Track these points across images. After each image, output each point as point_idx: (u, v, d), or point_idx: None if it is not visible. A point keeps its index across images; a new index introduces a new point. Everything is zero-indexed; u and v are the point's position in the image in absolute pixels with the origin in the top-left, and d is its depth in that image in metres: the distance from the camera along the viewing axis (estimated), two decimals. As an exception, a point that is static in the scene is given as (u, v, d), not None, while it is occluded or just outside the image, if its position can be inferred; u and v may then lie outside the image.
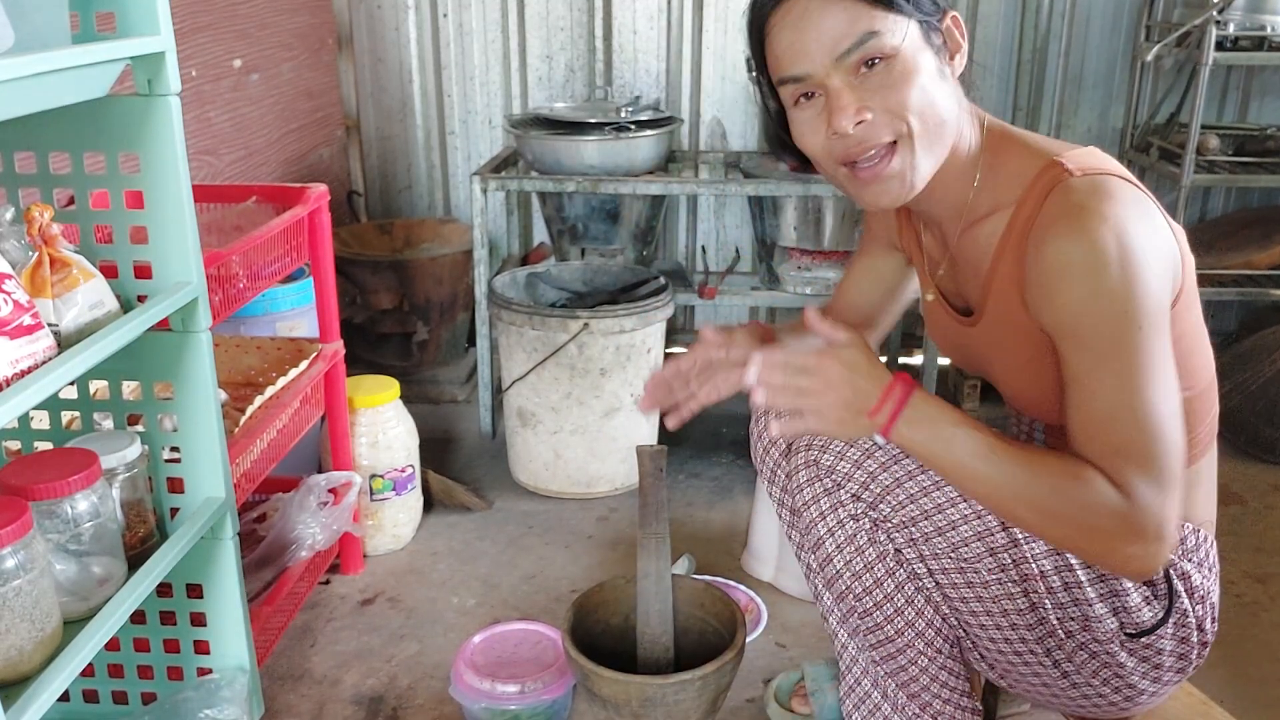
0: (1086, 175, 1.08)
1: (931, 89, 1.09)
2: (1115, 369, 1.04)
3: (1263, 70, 3.01)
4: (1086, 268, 1.03)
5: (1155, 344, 1.04)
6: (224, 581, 1.49)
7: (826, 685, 1.60)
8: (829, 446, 1.20)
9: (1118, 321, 1.03)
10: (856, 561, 1.21)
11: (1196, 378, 1.17)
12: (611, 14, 3.07)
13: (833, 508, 1.21)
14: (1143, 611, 1.18)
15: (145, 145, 1.30)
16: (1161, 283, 1.05)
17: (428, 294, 2.85)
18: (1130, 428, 1.04)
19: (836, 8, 1.06)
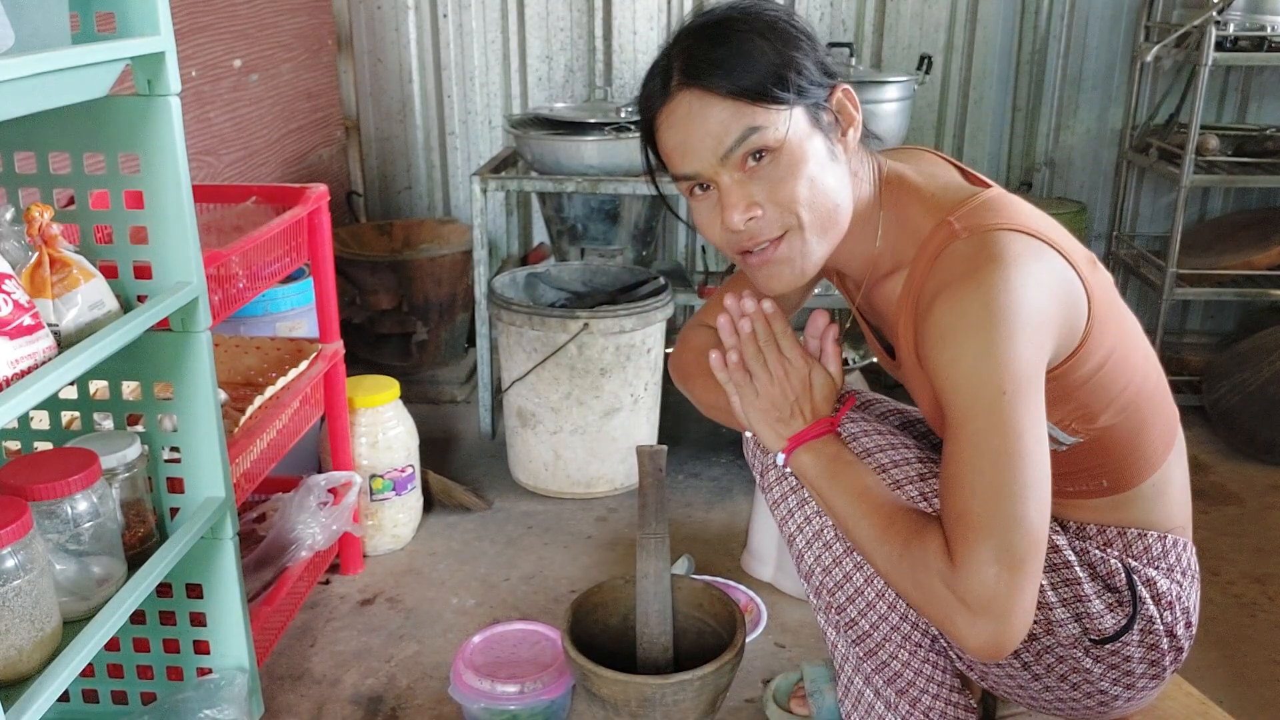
0: (973, 235, 1.06)
1: (820, 176, 1.09)
2: (973, 433, 1.01)
3: (1262, 70, 3.02)
4: (959, 334, 1.02)
5: (1020, 410, 1.00)
6: (224, 581, 1.49)
7: (825, 686, 1.60)
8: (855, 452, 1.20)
9: (982, 386, 1.00)
10: (825, 556, 1.22)
11: (1125, 400, 1.14)
12: (611, 14, 3.07)
13: (800, 504, 1.23)
14: (1104, 618, 1.18)
15: (145, 145, 1.30)
16: (1038, 346, 1.03)
17: (427, 294, 2.85)
18: (977, 497, 0.99)
19: (717, 107, 1.07)
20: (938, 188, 1.15)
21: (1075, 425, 1.14)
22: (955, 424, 1.03)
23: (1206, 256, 2.83)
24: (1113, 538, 1.22)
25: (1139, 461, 1.18)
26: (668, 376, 2.49)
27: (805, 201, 1.09)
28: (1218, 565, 2.08)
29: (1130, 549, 1.22)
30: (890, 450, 1.22)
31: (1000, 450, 0.99)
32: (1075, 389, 1.11)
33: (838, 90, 1.11)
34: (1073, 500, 1.23)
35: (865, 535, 1.09)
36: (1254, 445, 2.52)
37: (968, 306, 1.02)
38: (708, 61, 1.08)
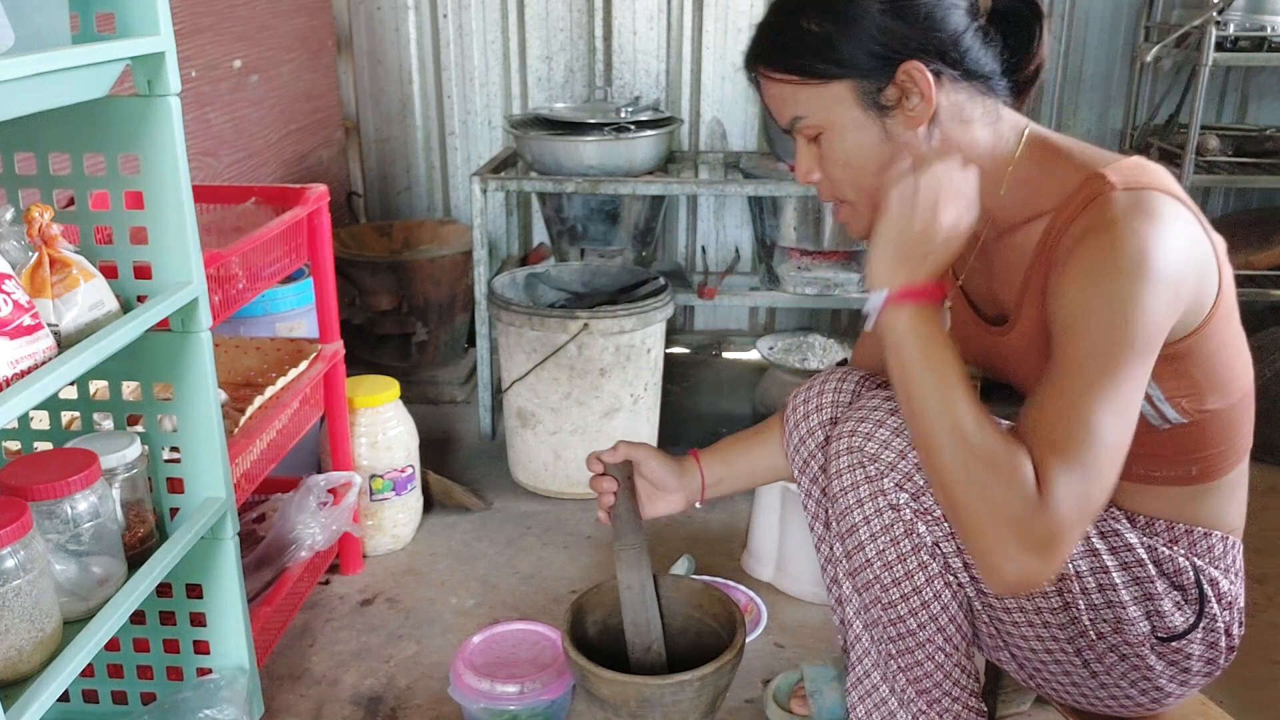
0: (1129, 190, 1.07)
1: (866, 156, 1.13)
2: (1089, 375, 1.02)
3: (1262, 71, 3.02)
4: (1103, 274, 1.03)
5: (1136, 367, 1.02)
6: (224, 581, 1.49)
7: (825, 686, 1.60)
8: (873, 435, 1.19)
9: (1111, 333, 1.02)
10: (890, 552, 1.20)
11: (1233, 388, 1.16)
12: (611, 14, 3.07)
13: (872, 495, 1.19)
14: (1174, 616, 1.19)
15: (145, 146, 1.30)
16: (1170, 312, 1.04)
17: (427, 295, 2.86)
18: (1075, 432, 1.00)
19: (773, 88, 1.16)
20: (1085, 148, 1.17)
21: (1185, 403, 1.14)
22: (1072, 361, 1.03)
23: (1206, 257, 2.83)
24: (1179, 534, 1.22)
25: (1230, 452, 1.19)
26: (667, 376, 2.50)
27: (848, 181, 1.16)
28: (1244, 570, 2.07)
29: (1195, 547, 1.22)
30: None
31: (1110, 401, 1.01)
32: (1192, 366, 1.12)
33: (902, 67, 1.09)
34: (1157, 488, 1.21)
35: (947, 424, 1.04)
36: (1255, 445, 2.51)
37: (1119, 250, 1.02)
38: (759, 42, 1.16)
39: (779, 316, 3.32)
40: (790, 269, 2.68)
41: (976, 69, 1.13)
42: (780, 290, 2.71)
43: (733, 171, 2.80)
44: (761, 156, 2.89)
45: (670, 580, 1.65)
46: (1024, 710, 1.64)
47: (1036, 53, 1.17)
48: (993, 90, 1.15)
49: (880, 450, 1.19)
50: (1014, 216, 1.18)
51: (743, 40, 3.03)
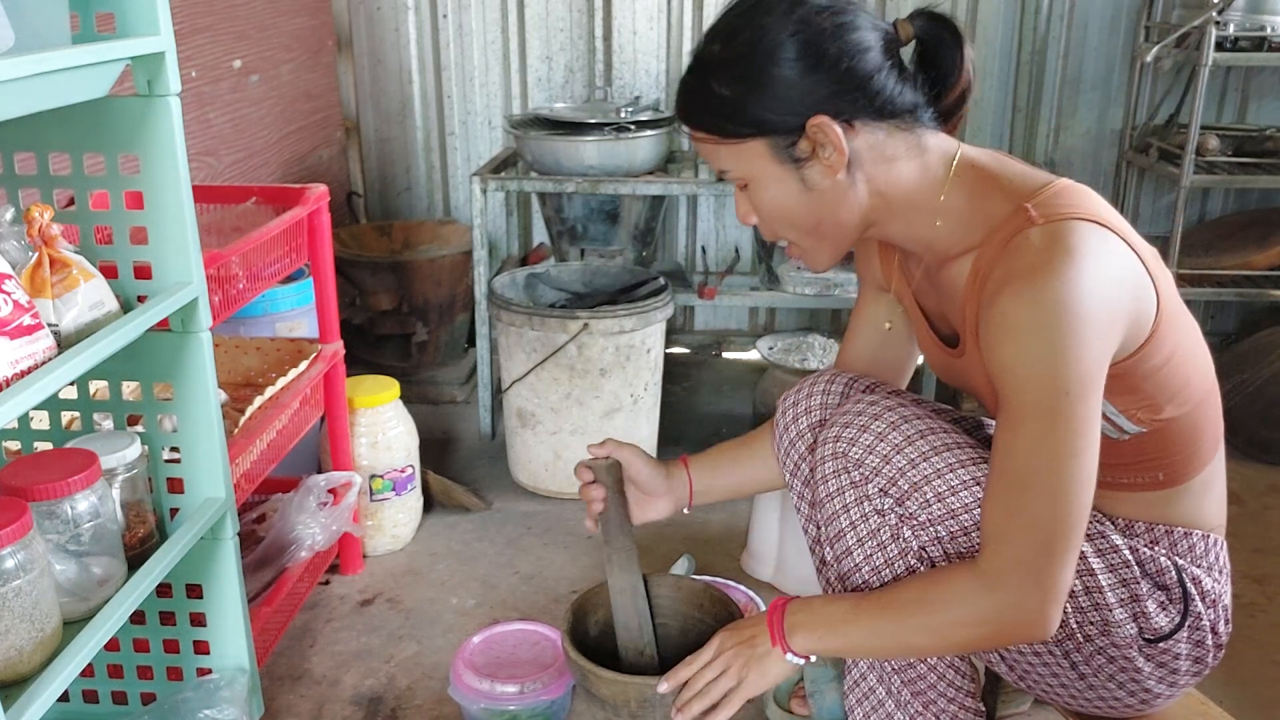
0: (1049, 223, 1.07)
1: (788, 204, 1.16)
2: (1035, 430, 1.04)
3: (1262, 71, 3.02)
4: (1025, 330, 1.04)
5: (1078, 409, 1.04)
6: (224, 582, 1.49)
7: (825, 686, 1.60)
8: (857, 440, 1.20)
9: (1046, 385, 1.03)
10: (877, 556, 1.21)
11: (1189, 393, 1.16)
12: (611, 14, 3.07)
13: (858, 501, 1.21)
14: (1159, 618, 1.19)
15: (145, 146, 1.30)
16: (1103, 344, 1.05)
17: (427, 295, 2.86)
18: (1035, 493, 1.05)
19: (698, 144, 1.19)
20: (1014, 174, 1.16)
21: (1140, 415, 1.15)
22: (1013, 419, 1.06)
23: (1206, 257, 2.83)
24: (1159, 535, 1.23)
25: (1195, 454, 1.19)
26: (667, 376, 2.50)
27: (781, 224, 1.20)
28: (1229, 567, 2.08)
29: (1176, 547, 1.22)
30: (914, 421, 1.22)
31: (1057, 450, 1.04)
32: (1142, 380, 1.12)
33: (811, 123, 1.11)
34: (1126, 493, 1.22)
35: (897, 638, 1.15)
36: (1254, 445, 2.52)
37: (1038, 300, 1.03)
38: (679, 101, 1.19)
39: (779, 316, 3.32)
40: (790, 269, 2.68)
41: (893, 108, 1.13)
42: (780, 290, 2.71)
43: (733, 171, 2.80)
44: (761, 156, 2.89)
45: (670, 580, 1.64)
46: (1023, 711, 1.64)
47: (960, 78, 1.16)
48: (916, 122, 1.15)
49: (865, 455, 1.20)
50: (950, 248, 1.19)
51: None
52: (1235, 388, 2.54)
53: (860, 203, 1.16)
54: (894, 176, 1.16)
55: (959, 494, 1.17)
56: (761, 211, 1.19)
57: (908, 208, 1.17)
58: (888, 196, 1.17)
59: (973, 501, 1.17)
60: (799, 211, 1.17)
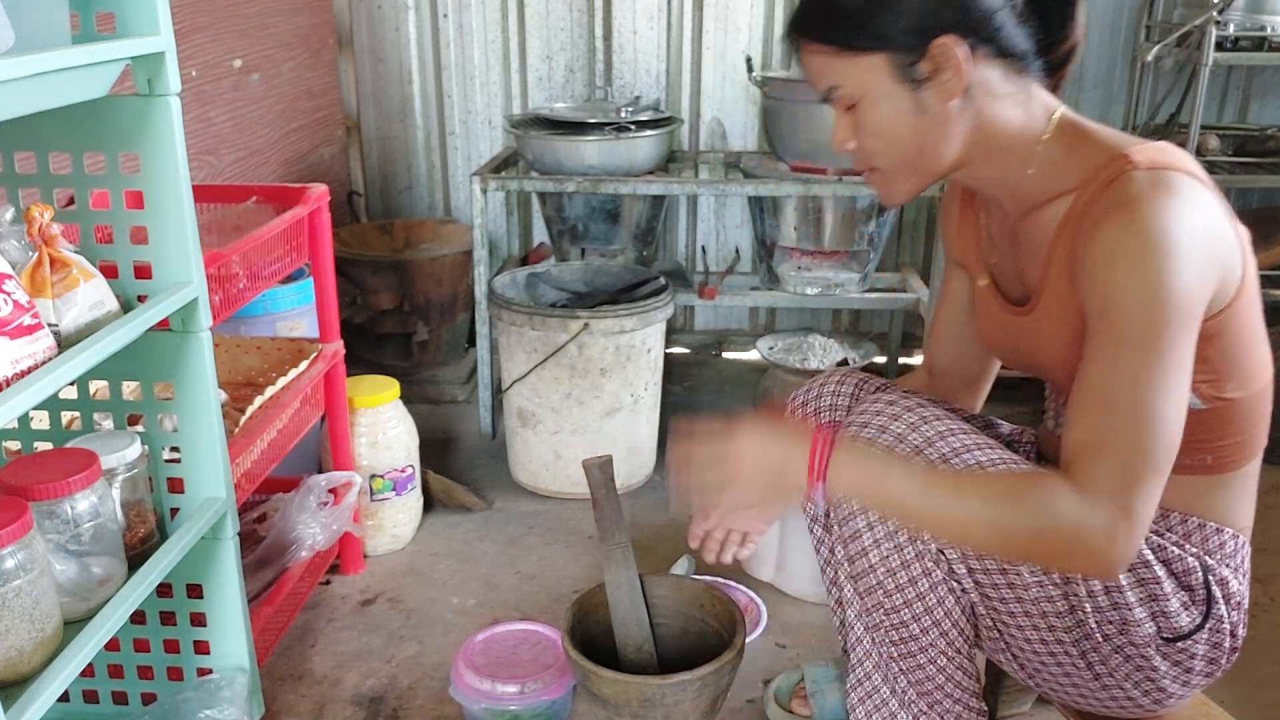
0: (1152, 169, 1.08)
1: (899, 127, 1.15)
2: (1132, 356, 1.04)
3: (1263, 70, 3.01)
4: (1131, 255, 1.04)
5: (1178, 341, 1.04)
6: (224, 581, 1.49)
7: (826, 686, 1.60)
8: (875, 442, 1.20)
9: (1148, 312, 1.03)
10: (893, 559, 1.21)
11: (1253, 379, 1.17)
12: (611, 14, 3.07)
13: None
14: (1181, 617, 1.19)
15: (145, 145, 1.30)
16: (1202, 284, 1.05)
17: (428, 294, 2.85)
18: (1126, 416, 1.04)
19: (811, 58, 1.18)
20: (1114, 133, 1.18)
21: (1204, 389, 1.15)
22: (1108, 344, 1.05)
23: (1207, 256, 2.82)
24: (1192, 529, 1.22)
25: (1246, 442, 1.19)
26: (668, 376, 2.50)
27: (880, 150, 1.18)
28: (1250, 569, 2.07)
29: (1207, 543, 1.22)
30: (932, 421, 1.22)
31: (1154, 379, 1.03)
32: (1214, 349, 1.12)
33: (935, 42, 1.11)
34: (1174, 476, 1.19)
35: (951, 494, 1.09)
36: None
37: (1146, 229, 1.03)
38: (800, 12, 1.17)
39: (779, 316, 3.32)
40: (790, 269, 2.68)
41: (1010, 48, 1.14)
42: (780, 290, 2.71)
43: (733, 171, 2.80)
44: (761, 156, 2.89)
45: (671, 580, 1.64)
46: (1025, 710, 1.64)
47: (1070, 34, 1.19)
48: (1026, 70, 1.17)
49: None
50: (1039, 195, 1.19)
51: (743, 40, 3.06)
52: (1236, 387, 2.54)
53: (963, 136, 1.17)
54: (999, 116, 1.17)
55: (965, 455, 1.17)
56: (867, 131, 1.17)
57: (1005, 150, 1.18)
58: (989, 135, 1.17)
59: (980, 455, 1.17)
60: (905, 135, 1.16)
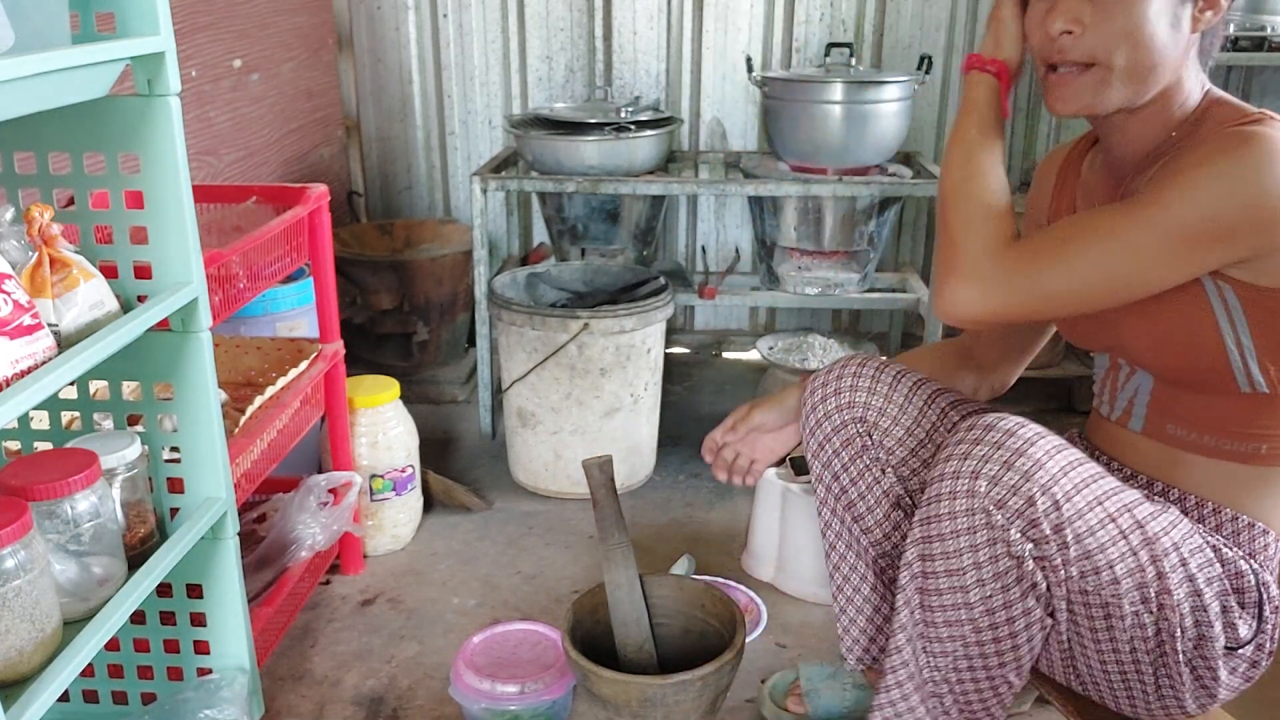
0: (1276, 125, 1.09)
1: (1155, 28, 1.11)
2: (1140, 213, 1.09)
3: (1263, 70, 3.01)
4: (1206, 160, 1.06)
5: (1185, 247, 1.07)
6: (224, 581, 1.49)
7: (821, 685, 1.60)
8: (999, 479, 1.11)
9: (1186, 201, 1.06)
10: (998, 599, 1.14)
11: None
12: (611, 14, 3.07)
13: (991, 542, 1.13)
14: (1241, 626, 1.19)
15: (145, 145, 1.30)
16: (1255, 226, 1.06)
17: (428, 294, 2.85)
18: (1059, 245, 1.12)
19: None
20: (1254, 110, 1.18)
21: (1272, 369, 1.14)
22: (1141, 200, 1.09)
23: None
24: (1241, 528, 1.21)
25: None
26: (668, 376, 2.50)
27: (1127, 43, 1.12)
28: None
29: (1253, 544, 1.22)
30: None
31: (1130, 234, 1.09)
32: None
33: None
34: (1222, 463, 1.21)
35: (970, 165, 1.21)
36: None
37: (1241, 147, 1.05)
38: None
39: (779, 316, 3.32)
40: (790, 269, 2.68)
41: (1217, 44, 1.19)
42: (780, 290, 2.71)
43: (733, 171, 2.80)
44: (762, 156, 2.89)
45: (671, 580, 1.65)
46: (1025, 710, 1.64)
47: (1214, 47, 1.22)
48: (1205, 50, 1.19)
49: (1008, 496, 1.11)
50: (1166, 152, 1.19)
51: (743, 40, 3.06)
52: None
53: (1179, 71, 1.16)
54: (1190, 71, 1.17)
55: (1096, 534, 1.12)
56: (1115, 21, 1.12)
57: (1171, 105, 1.18)
58: (1183, 83, 1.17)
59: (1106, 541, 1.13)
60: (1158, 41, 1.12)
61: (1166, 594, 1.15)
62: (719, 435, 1.52)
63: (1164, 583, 1.15)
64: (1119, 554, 1.14)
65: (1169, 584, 1.15)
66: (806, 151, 2.55)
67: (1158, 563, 1.15)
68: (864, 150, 2.54)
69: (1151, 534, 1.16)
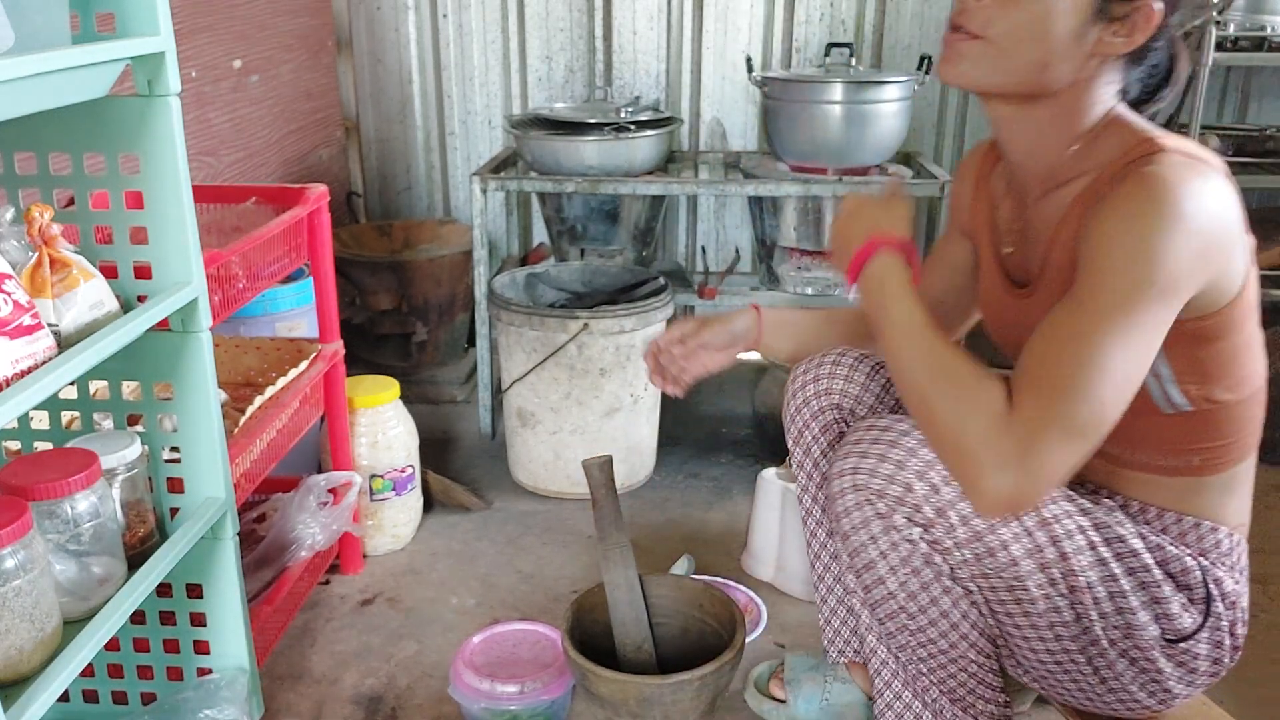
0: (1183, 155, 1.08)
1: (1052, 29, 1.10)
2: (1103, 306, 1.03)
3: (1262, 71, 3.02)
4: (1135, 213, 1.03)
5: (1153, 309, 1.03)
6: (224, 581, 1.49)
7: (803, 675, 1.61)
8: (877, 470, 1.19)
9: (1134, 269, 1.02)
10: (912, 582, 1.21)
11: (1244, 384, 1.16)
12: (611, 14, 3.07)
13: (885, 531, 1.20)
14: (1183, 618, 1.19)
15: (145, 146, 1.30)
16: (1198, 263, 1.04)
17: (427, 295, 2.86)
18: (1070, 363, 1.03)
19: None
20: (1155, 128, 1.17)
21: (1192, 390, 1.14)
22: (1083, 291, 1.05)
23: (1206, 256, 2.82)
24: (1187, 529, 1.23)
25: (1234, 448, 1.19)
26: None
27: (1019, 31, 1.11)
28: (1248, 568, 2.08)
29: (1203, 542, 1.23)
30: None
31: (1113, 329, 1.02)
32: (1204, 350, 1.12)
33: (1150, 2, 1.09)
34: (1159, 478, 1.22)
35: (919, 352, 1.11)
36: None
37: (1159, 193, 1.03)
38: None
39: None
40: (790, 269, 2.68)
41: (1146, 55, 1.15)
42: (780, 290, 2.71)
43: (733, 171, 2.80)
44: (761, 156, 2.89)
45: (670, 580, 1.65)
46: (1024, 710, 1.64)
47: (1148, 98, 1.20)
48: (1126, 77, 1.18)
49: (886, 485, 1.18)
50: (1067, 174, 1.19)
51: (743, 40, 3.06)
52: (1235, 387, 2.54)
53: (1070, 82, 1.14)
54: (1098, 90, 1.16)
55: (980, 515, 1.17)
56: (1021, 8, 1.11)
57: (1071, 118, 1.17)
58: (1082, 99, 1.16)
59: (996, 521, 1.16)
60: (1050, 43, 1.11)
61: (1073, 575, 1.16)
62: (664, 343, 1.50)
63: (1068, 563, 1.16)
64: (1012, 534, 1.16)
65: (1074, 565, 1.16)
66: (806, 151, 2.56)
67: (1058, 543, 1.17)
68: (864, 150, 2.54)
69: (1049, 515, 1.17)
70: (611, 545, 1.54)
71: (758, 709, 1.63)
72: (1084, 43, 1.11)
